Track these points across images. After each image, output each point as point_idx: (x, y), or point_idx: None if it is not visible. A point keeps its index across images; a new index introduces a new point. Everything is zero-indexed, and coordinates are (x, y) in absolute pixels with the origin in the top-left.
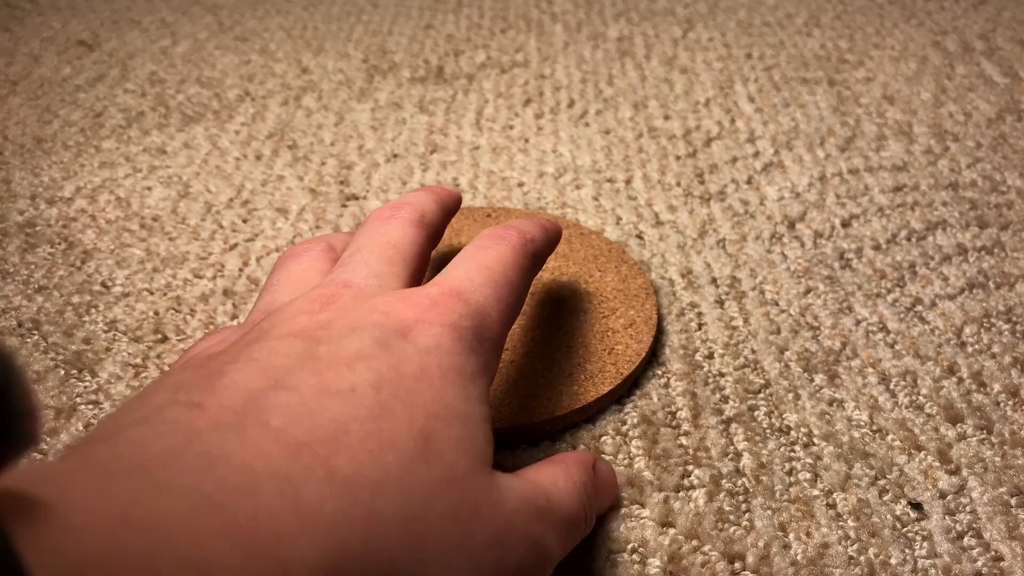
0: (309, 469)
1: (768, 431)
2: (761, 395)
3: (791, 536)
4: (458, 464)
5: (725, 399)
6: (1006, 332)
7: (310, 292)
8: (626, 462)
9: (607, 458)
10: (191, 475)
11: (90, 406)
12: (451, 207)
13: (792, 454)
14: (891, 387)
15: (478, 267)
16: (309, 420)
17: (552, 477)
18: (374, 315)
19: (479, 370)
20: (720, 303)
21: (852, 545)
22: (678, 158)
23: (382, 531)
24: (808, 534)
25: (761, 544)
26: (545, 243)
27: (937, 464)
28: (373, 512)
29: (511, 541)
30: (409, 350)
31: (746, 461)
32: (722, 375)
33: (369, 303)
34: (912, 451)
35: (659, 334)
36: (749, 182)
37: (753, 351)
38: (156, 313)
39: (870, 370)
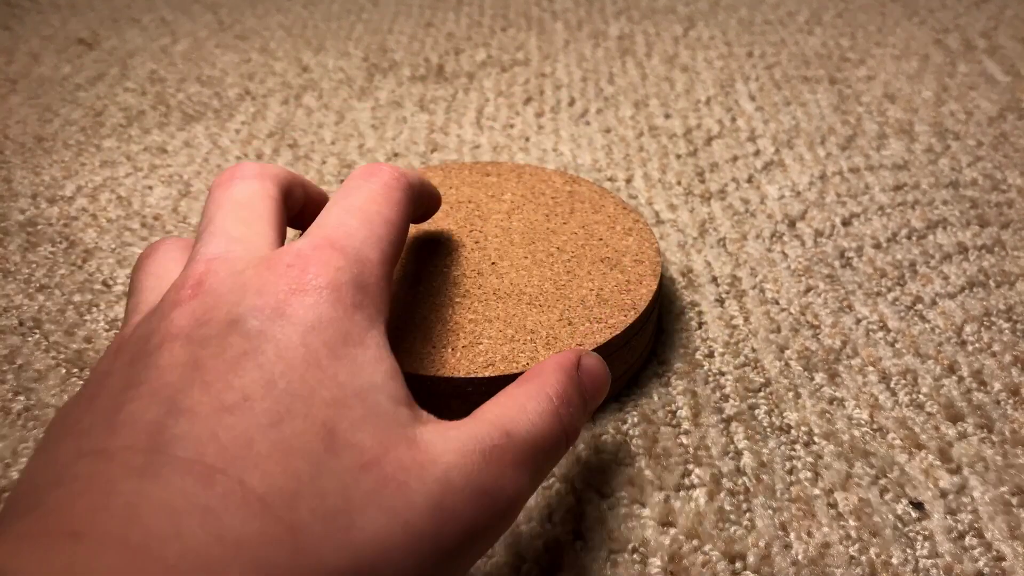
0: (226, 495)
1: (768, 430)
2: (761, 394)
3: (792, 536)
4: (367, 446)
5: (725, 398)
6: (1006, 331)
7: (178, 279)
8: (627, 461)
9: (607, 458)
10: (118, 528)
11: None
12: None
13: (793, 453)
14: (891, 386)
15: (348, 210)
16: (214, 444)
17: (519, 402)
18: (248, 298)
19: (367, 324)
20: (720, 302)
21: (853, 545)
22: (679, 157)
23: (307, 539)
24: (809, 534)
25: (762, 544)
26: (419, 180)
27: (938, 463)
28: (295, 523)
29: (452, 502)
30: (290, 332)
31: (747, 460)
32: (722, 374)
33: (240, 280)
34: (913, 450)
35: (659, 333)
36: (750, 181)
37: (753, 350)
38: None
39: (870, 369)
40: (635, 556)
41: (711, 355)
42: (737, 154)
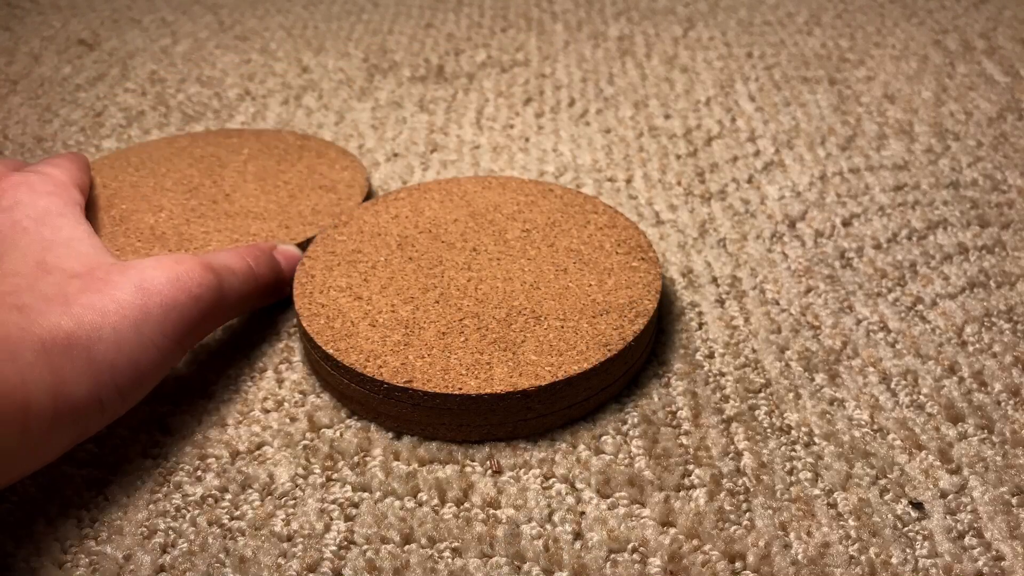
0: None
1: (769, 430)
2: (762, 394)
3: (792, 536)
4: (76, 269)
5: (726, 398)
6: (1007, 331)
7: None
8: (626, 461)
9: (607, 458)
10: None
11: None
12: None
13: (793, 453)
14: (892, 386)
15: None
16: None
17: (214, 253)
18: None
19: (62, 205)
20: (721, 302)
21: (853, 545)
22: (679, 157)
23: (33, 311)
24: (809, 534)
25: (762, 544)
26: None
27: (938, 463)
28: (22, 304)
29: (151, 282)
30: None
31: (747, 460)
32: (723, 374)
33: None
34: (913, 450)
35: (659, 333)
36: (750, 181)
37: (754, 350)
38: None
39: (871, 369)
40: (635, 556)
41: (711, 356)
42: (737, 154)
